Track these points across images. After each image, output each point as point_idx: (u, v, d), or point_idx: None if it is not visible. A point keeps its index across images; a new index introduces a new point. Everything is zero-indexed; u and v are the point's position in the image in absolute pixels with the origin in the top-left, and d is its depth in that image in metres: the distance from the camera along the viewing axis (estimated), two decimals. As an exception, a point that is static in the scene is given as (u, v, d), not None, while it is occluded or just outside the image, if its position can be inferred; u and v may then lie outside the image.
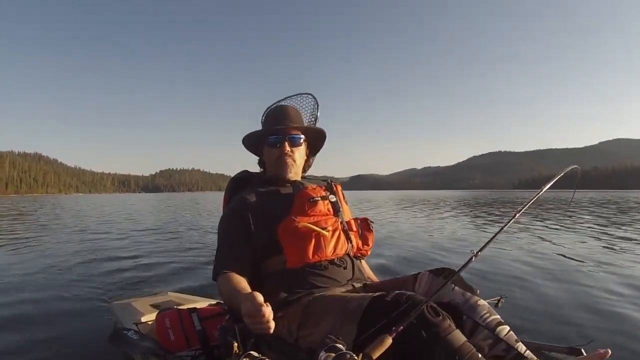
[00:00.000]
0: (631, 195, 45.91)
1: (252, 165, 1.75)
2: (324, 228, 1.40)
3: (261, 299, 1.01)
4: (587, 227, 9.17)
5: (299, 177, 1.64)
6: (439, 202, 26.30)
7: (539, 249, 5.93)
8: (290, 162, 1.56)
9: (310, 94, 1.76)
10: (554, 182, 1.40)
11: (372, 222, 1.62)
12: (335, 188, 1.65)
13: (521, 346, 1.15)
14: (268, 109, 1.73)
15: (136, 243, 7.14)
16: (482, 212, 15.78)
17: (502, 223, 1.32)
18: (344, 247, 1.45)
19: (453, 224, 10.64)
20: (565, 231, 8.42)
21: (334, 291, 1.36)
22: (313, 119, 1.73)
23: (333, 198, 1.56)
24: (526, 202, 1.36)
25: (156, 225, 10.98)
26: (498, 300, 1.48)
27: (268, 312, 1.00)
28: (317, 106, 1.73)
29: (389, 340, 0.97)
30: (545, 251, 5.75)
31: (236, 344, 1.28)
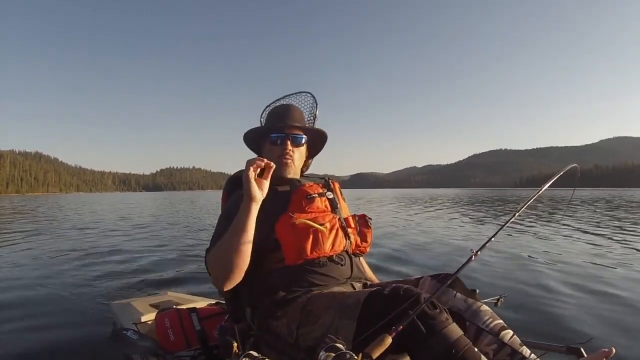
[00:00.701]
0: (628, 194, 45.82)
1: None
2: (321, 224, 1.40)
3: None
4: (583, 226, 9.18)
5: (297, 177, 1.63)
6: (439, 200, 26.29)
7: (538, 248, 5.94)
8: (290, 161, 1.55)
9: (310, 93, 1.75)
10: (552, 181, 1.40)
11: (370, 218, 1.61)
12: (332, 185, 1.65)
13: (526, 350, 1.15)
14: (267, 107, 1.72)
15: (135, 242, 7.16)
16: (482, 211, 15.77)
17: (502, 221, 1.32)
18: (342, 243, 1.44)
19: (452, 222, 10.64)
20: (563, 229, 8.42)
21: (333, 289, 1.36)
22: (312, 118, 1.72)
23: (330, 195, 1.56)
24: (526, 201, 1.36)
25: (155, 224, 10.99)
26: (497, 300, 1.47)
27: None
28: (316, 105, 1.72)
29: (389, 340, 0.96)
30: (543, 250, 5.76)
31: (235, 344, 1.27)
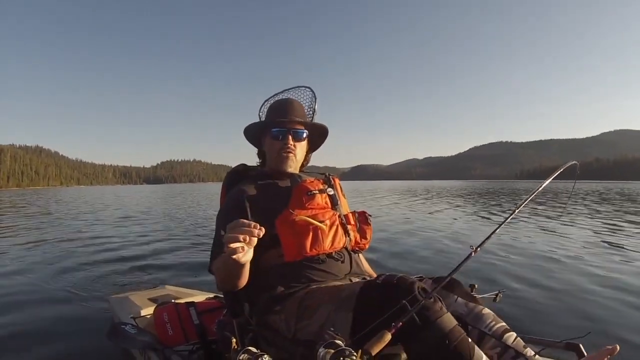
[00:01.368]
0: (627, 187, 45.82)
1: (253, 155, 1.73)
2: (321, 221, 1.39)
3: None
4: (583, 220, 9.19)
5: (297, 171, 1.62)
6: (439, 193, 26.28)
7: (538, 243, 5.94)
8: (291, 156, 1.55)
9: (309, 87, 1.74)
10: (552, 178, 1.39)
11: (370, 215, 1.61)
12: (333, 181, 1.64)
13: (529, 351, 1.15)
14: (266, 101, 1.71)
15: (133, 236, 7.17)
16: (482, 204, 15.77)
17: (502, 217, 1.31)
18: (341, 240, 1.44)
19: (453, 216, 10.64)
20: (563, 224, 8.42)
21: (330, 284, 1.35)
22: (311, 112, 1.72)
23: (331, 191, 1.55)
24: (526, 198, 1.35)
25: (154, 217, 11.01)
26: (496, 295, 1.47)
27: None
28: (315, 99, 1.71)
29: (388, 336, 0.96)
30: (543, 245, 5.76)
31: (234, 340, 1.27)
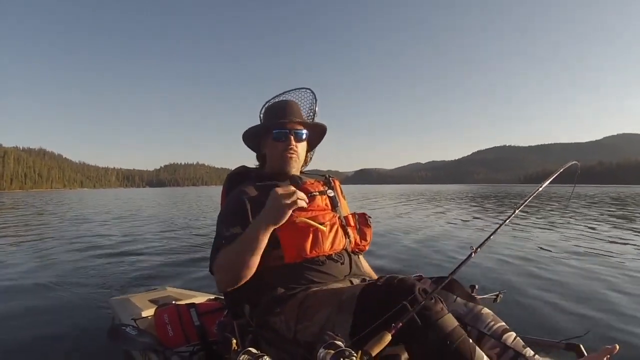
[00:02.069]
0: (628, 190, 45.64)
1: (254, 157, 1.74)
2: (321, 223, 1.39)
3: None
4: (582, 222, 9.16)
5: (299, 172, 1.63)
6: (442, 197, 26.24)
7: (538, 244, 5.93)
8: (294, 157, 1.55)
9: (309, 89, 1.74)
10: (552, 178, 1.39)
11: (369, 217, 1.61)
12: (333, 183, 1.64)
13: (529, 351, 1.14)
14: (266, 103, 1.71)
15: (134, 238, 7.19)
16: (484, 207, 15.74)
17: (502, 218, 1.31)
18: (341, 242, 1.44)
19: (454, 218, 10.62)
20: (562, 226, 8.41)
21: (331, 286, 1.36)
22: (312, 114, 1.72)
23: (331, 193, 1.56)
24: (526, 198, 1.35)
25: (154, 220, 11.03)
26: (496, 296, 1.47)
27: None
28: (316, 101, 1.71)
29: (388, 337, 0.96)
30: (543, 246, 5.76)
31: (235, 341, 1.27)
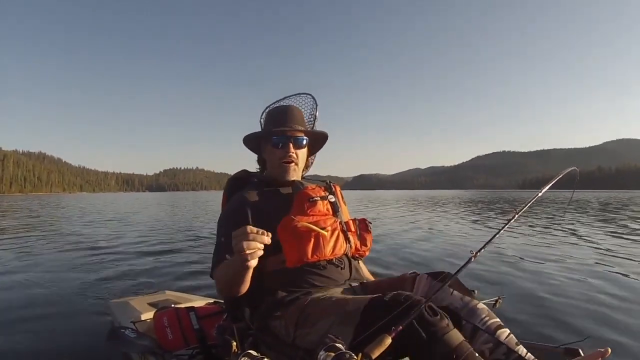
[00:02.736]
0: (627, 196, 45.68)
1: (255, 164, 1.75)
2: (323, 228, 1.40)
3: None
4: (581, 228, 9.15)
5: (300, 177, 1.63)
6: (441, 202, 26.24)
7: (537, 249, 5.92)
8: (293, 164, 1.55)
9: (310, 94, 1.75)
10: (552, 184, 1.40)
11: (370, 222, 1.62)
12: (334, 188, 1.65)
13: (522, 349, 1.15)
14: (267, 108, 1.72)
15: (133, 241, 7.17)
16: (483, 212, 15.73)
17: (502, 223, 1.32)
18: (342, 247, 1.44)
19: (453, 224, 10.61)
20: (561, 231, 8.40)
21: (332, 291, 1.36)
22: (312, 119, 1.73)
23: (332, 198, 1.56)
24: (525, 204, 1.36)
25: (153, 223, 11.00)
26: (496, 301, 1.47)
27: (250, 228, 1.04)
28: (316, 106, 1.72)
29: (389, 340, 0.96)
30: (543, 251, 5.75)
31: (234, 343, 1.28)
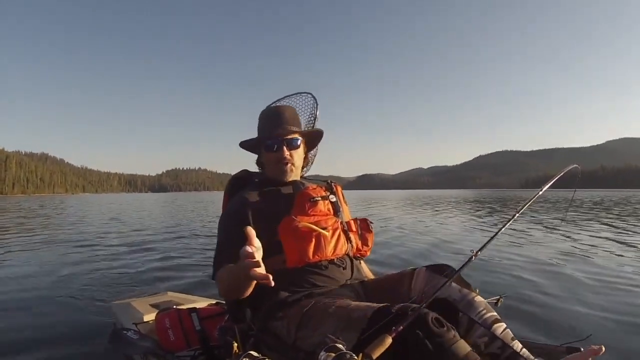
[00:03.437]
0: (630, 195, 45.57)
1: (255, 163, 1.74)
2: (324, 228, 1.39)
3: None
4: (584, 226, 9.15)
5: (299, 177, 1.63)
6: (443, 201, 26.22)
7: (539, 248, 5.92)
8: (289, 165, 1.54)
9: (310, 93, 1.75)
10: (553, 181, 1.39)
11: (371, 222, 1.61)
12: (335, 188, 1.64)
13: (517, 344, 1.15)
14: (267, 107, 1.72)
15: (135, 242, 7.18)
16: (484, 211, 15.72)
17: (503, 222, 1.32)
18: (343, 247, 1.44)
19: (455, 223, 10.61)
20: (563, 230, 8.40)
21: (335, 293, 1.36)
22: (312, 119, 1.73)
23: (333, 198, 1.56)
24: (526, 202, 1.36)
25: (156, 224, 11.03)
26: (497, 300, 1.47)
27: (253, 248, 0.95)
28: (317, 105, 1.72)
29: (389, 340, 0.96)
30: (544, 250, 5.75)
31: (236, 344, 1.28)
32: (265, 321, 1.36)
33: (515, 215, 1.30)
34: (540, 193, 1.36)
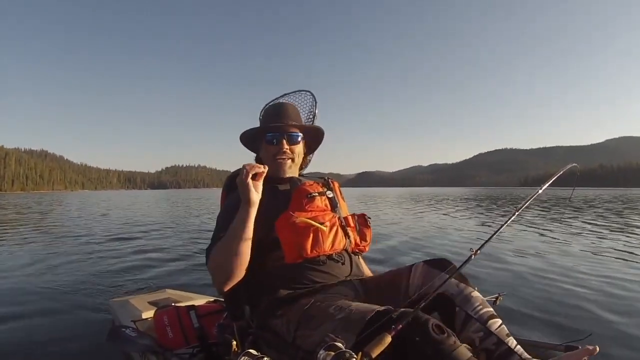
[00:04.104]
0: (628, 193, 45.61)
1: (254, 160, 1.73)
2: (321, 223, 1.39)
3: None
4: (581, 225, 9.16)
5: (296, 174, 1.63)
6: (442, 199, 26.23)
7: (538, 247, 5.93)
8: (287, 160, 1.55)
9: (309, 91, 1.74)
10: (552, 180, 1.39)
11: (369, 218, 1.61)
12: (332, 184, 1.64)
13: (512, 341, 1.15)
14: (266, 105, 1.71)
15: (133, 240, 7.19)
16: (484, 209, 15.73)
17: (502, 220, 1.32)
18: (341, 242, 1.44)
19: (454, 221, 10.61)
20: (563, 228, 8.41)
21: (334, 289, 1.36)
22: (311, 117, 1.72)
23: (330, 194, 1.56)
24: (525, 201, 1.35)
25: (154, 222, 11.02)
26: (496, 298, 1.47)
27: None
28: (316, 103, 1.71)
29: (388, 339, 0.96)
30: (543, 248, 5.76)
31: (235, 342, 1.27)
32: (264, 319, 1.35)
33: (515, 214, 1.30)
34: (540, 192, 1.36)
